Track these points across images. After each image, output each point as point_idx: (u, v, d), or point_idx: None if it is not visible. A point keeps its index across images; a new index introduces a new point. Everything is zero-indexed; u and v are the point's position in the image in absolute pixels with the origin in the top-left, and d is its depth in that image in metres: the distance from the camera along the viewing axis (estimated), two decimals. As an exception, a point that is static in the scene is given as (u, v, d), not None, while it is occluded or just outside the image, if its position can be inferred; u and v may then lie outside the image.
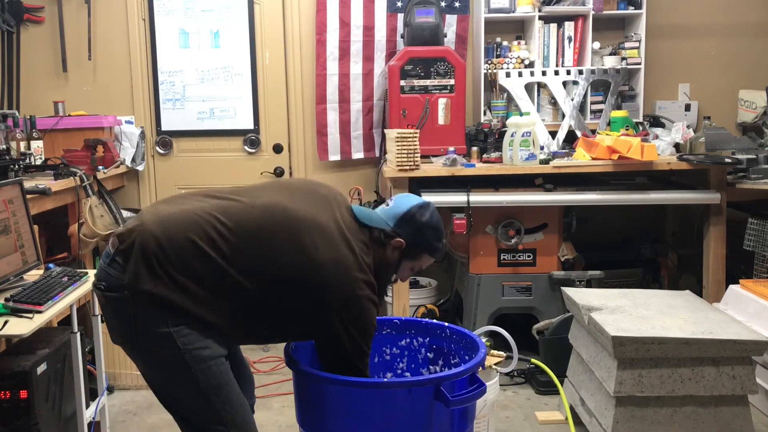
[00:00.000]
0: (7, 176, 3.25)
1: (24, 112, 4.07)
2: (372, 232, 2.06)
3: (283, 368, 3.82)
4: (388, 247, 2.06)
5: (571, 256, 3.87)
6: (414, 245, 2.08)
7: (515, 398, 3.50)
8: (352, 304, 1.91)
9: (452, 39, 4.48)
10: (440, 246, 2.14)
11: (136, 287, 1.82)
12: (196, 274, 1.84)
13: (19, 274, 2.61)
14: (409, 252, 2.09)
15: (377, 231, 2.06)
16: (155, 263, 1.82)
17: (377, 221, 2.07)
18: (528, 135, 3.72)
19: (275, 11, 4.53)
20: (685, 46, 4.61)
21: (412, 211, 2.08)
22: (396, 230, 2.06)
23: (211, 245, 1.85)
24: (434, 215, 2.12)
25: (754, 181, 3.66)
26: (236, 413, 1.92)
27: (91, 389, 2.99)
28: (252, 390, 2.29)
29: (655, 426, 2.68)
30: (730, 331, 2.67)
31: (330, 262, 1.90)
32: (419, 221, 2.08)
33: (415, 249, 2.09)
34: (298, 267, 1.89)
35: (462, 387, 2.02)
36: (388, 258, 2.07)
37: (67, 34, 4.49)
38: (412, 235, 2.07)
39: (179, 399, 1.93)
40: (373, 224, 2.06)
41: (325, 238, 1.92)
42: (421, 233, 2.08)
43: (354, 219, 2.05)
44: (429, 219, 2.09)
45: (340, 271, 1.91)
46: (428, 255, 2.13)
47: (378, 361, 2.41)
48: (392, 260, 2.08)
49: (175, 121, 4.58)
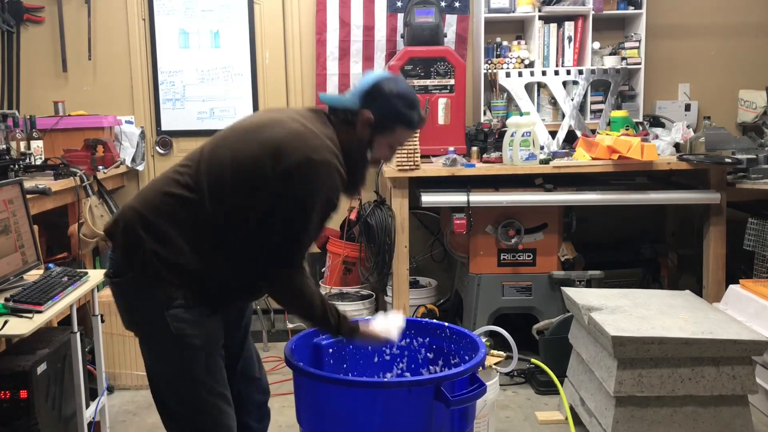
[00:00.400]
0: (7, 176, 3.25)
1: (24, 112, 4.08)
2: (339, 114, 2.00)
3: (283, 368, 3.82)
4: (357, 125, 1.98)
5: (571, 256, 3.87)
6: (384, 118, 1.97)
7: (515, 398, 3.50)
8: (306, 168, 1.82)
9: (452, 39, 4.49)
10: (414, 115, 2.00)
11: (131, 261, 1.89)
12: (175, 220, 1.88)
13: (19, 274, 2.61)
14: (380, 126, 1.98)
15: (343, 112, 1.99)
16: (140, 229, 1.88)
17: (344, 101, 2.00)
18: (528, 135, 3.72)
19: (275, 11, 4.53)
20: (685, 46, 4.61)
21: (376, 84, 1.98)
22: (362, 106, 1.97)
23: (177, 185, 1.91)
24: (401, 83, 2.02)
25: (754, 181, 3.66)
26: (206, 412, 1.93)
27: (91, 389, 2.99)
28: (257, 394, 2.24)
29: (655, 426, 2.68)
30: (730, 331, 2.67)
31: (286, 135, 1.87)
32: (385, 92, 1.97)
33: (385, 122, 1.98)
34: (254, 158, 1.86)
35: (462, 387, 2.02)
36: (360, 136, 1.99)
37: (67, 34, 4.49)
38: (380, 108, 1.97)
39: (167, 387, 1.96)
40: (340, 105, 2.00)
41: (280, 123, 1.92)
42: (388, 103, 1.96)
43: (315, 112, 2.02)
44: (395, 88, 1.98)
45: (296, 140, 1.86)
46: (403, 126, 2.01)
47: (378, 362, 2.41)
48: (364, 138, 1.99)
49: (175, 121, 4.58)
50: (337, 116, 2.00)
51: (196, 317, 1.90)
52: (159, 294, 1.88)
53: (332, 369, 2.31)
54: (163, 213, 1.89)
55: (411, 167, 3.69)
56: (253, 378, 2.22)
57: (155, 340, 1.93)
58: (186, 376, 1.91)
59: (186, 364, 1.90)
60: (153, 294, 1.88)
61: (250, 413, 2.20)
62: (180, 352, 1.90)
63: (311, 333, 2.29)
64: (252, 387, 2.22)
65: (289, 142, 1.85)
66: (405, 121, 2.00)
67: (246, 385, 2.19)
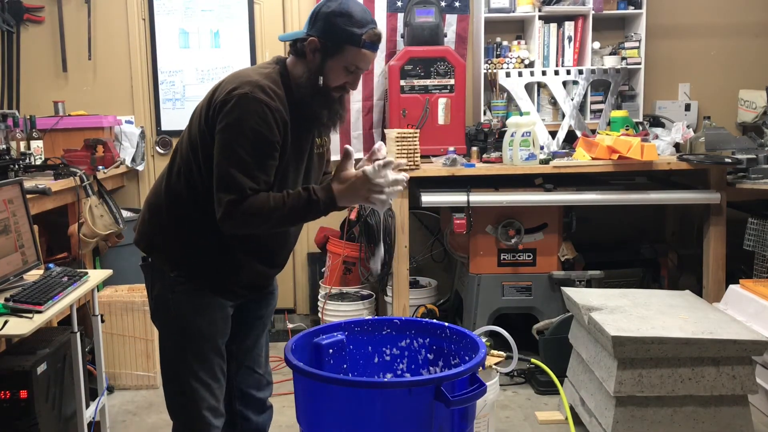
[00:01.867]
0: (7, 176, 3.25)
1: (24, 112, 4.08)
2: (291, 50, 2.00)
3: (283, 368, 3.82)
4: (306, 53, 1.94)
5: (571, 256, 3.88)
6: (329, 40, 1.91)
7: (515, 398, 3.50)
8: (228, 103, 1.86)
9: (452, 39, 4.48)
10: (359, 31, 1.90)
11: (150, 242, 2.07)
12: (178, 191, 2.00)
13: (19, 274, 2.61)
14: (328, 49, 1.92)
15: (293, 44, 1.98)
16: (156, 212, 2.05)
17: (295, 34, 2.00)
18: (528, 135, 3.72)
19: (275, 11, 4.53)
20: (685, 46, 4.61)
21: (317, 8, 1.95)
22: (308, 33, 1.94)
23: (171, 162, 2.06)
24: (343, 2, 1.92)
25: (754, 181, 3.66)
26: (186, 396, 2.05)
27: (91, 389, 2.99)
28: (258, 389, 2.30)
29: (655, 426, 2.68)
30: (730, 331, 2.67)
31: (225, 78, 1.97)
32: (326, 12, 1.92)
33: (332, 44, 1.91)
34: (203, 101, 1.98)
35: (462, 387, 2.02)
36: (311, 63, 1.95)
37: (67, 34, 4.49)
38: (322, 30, 1.92)
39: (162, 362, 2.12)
40: (292, 38, 2.00)
41: None
42: (330, 24, 1.91)
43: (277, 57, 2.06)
44: (336, 7, 1.91)
45: (229, 80, 1.93)
46: (350, 45, 1.91)
47: (378, 362, 2.41)
48: (315, 63, 1.94)
49: (175, 121, 4.58)
50: (292, 50, 2.00)
51: (200, 305, 2.02)
52: (167, 277, 2.02)
53: (332, 369, 2.31)
54: (161, 191, 2.05)
55: (411, 167, 3.69)
56: (257, 373, 2.28)
57: (160, 320, 2.09)
58: (176, 357, 2.05)
59: (179, 346, 2.04)
60: (163, 277, 2.03)
61: (249, 405, 2.27)
62: (176, 336, 2.05)
63: (311, 333, 2.29)
64: (254, 381, 2.28)
65: (224, 82, 1.93)
66: (350, 39, 1.91)
67: (248, 379, 2.26)
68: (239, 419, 2.26)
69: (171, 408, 2.12)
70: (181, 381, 2.05)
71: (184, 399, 2.06)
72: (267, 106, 1.85)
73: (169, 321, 2.05)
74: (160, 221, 2.04)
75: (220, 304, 2.05)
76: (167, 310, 2.04)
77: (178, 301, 2.02)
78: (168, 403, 2.13)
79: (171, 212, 2.02)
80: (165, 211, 2.03)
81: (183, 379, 2.04)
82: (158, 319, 2.10)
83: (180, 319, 2.02)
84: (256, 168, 1.86)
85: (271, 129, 1.86)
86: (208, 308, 2.03)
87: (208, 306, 2.03)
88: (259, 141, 1.85)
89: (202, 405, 2.05)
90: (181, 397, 2.07)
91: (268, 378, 2.35)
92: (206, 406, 2.06)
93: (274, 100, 1.87)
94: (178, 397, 2.09)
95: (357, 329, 2.25)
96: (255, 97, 1.85)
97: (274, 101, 1.87)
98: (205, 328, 2.03)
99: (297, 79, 1.96)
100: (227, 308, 2.07)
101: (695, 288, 3.77)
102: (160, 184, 2.07)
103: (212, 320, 2.04)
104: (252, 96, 1.84)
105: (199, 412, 2.05)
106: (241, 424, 2.26)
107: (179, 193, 2.00)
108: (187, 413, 2.07)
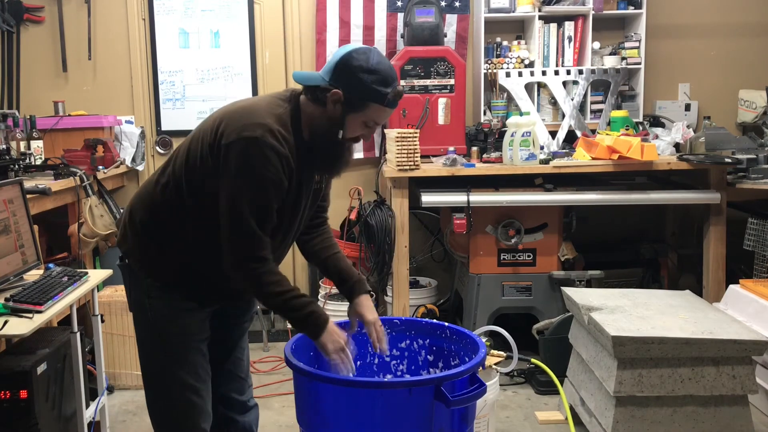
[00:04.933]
0: (7, 176, 3.25)
1: (24, 112, 4.07)
2: (308, 93, 1.92)
3: (283, 368, 3.82)
4: (327, 102, 1.88)
5: (571, 256, 3.88)
6: (353, 95, 1.86)
7: (515, 398, 3.50)
8: (237, 146, 1.80)
9: (452, 39, 4.48)
10: (387, 91, 1.86)
11: (128, 246, 2.03)
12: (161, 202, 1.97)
13: (19, 274, 2.61)
14: (351, 103, 1.87)
15: (312, 89, 1.90)
16: (136, 219, 2.02)
17: (313, 79, 1.91)
18: (528, 135, 3.72)
19: (275, 11, 4.53)
20: (685, 46, 4.61)
21: (344, 58, 1.86)
22: (331, 82, 1.87)
23: (161, 172, 2.01)
24: (373, 57, 1.86)
25: (754, 181, 3.66)
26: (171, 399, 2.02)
27: (91, 389, 2.99)
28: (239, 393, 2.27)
29: (655, 426, 2.68)
30: (730, 331, 2.67)
31: (228, 110, 1.91)
32: (353, 66, 1.84)
33: (355, 98, 1.86)
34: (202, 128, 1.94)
35: (462, 387, 2.02)
36: (331, 114, 1.89)
37: (67, 34, 4.49)
38: (348, 85, 1.85)
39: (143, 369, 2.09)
40: (309, 83, 1.91)
41: (237, 101, 2.00)
42: (357, 79, 1.84)
43: (289, 91, 2.00)
44: (365, 61, 1.84)
45: (235, 117, 1.86)
46: (375, 103, 1.87)
47: (378, 363, 2.41)
48: (335, 116, 1.89)
49: (175, 121, 4.58)
50: (308, 94, 1.92)
51: (176, 310, 2.00)
52: (143, 281, 2.00)
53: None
54: (146, 199, 2.02)
55: (411, 167, 3.69)
56: (238, 377, 2.26)
57: (138, 323, 2.08)
58: (157, 362, 2.03)
59: (158, 351, 2.02)
60: (140, 281, 2.01)
61: (233, 407, 2.25)
62: (155, 339, 2.03)
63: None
64: (235, 385, 2.26)
65: (229, 117, 1.87)
66: (376, 97, 1.86)
67: (230, 383, 2.23)
68: (225, 423, 2.22)
69: (154, 414, 2.07)
70: (165, 385, 2.02)
71: (168, 402, 2.03)
72: (277, 153, 1.82)
73: (148, 325, 2.03)
74: (138, 229, 2.01)
75: (197, 308, 2.03)
76: (144, 313, 2.02)
77: (155, 306, 2.00)
78: (151, 409, 2.08)
79: (151, 222, 1.99)
80: (147, 220, 2.00)
81: (168, 383, 2.01)
82: (137, 323, 2.08)
83: (158, 322, 2.00)
84: (267, 214, 1.87)
85: (279, 175, 1.85)
86: (185, 312, 2.01)
87: (185, 310, 2.01)
88: (270, 187, 1.84)
89: (189, 409, 2.02)
90: (166, 401, 2.04)
91: (249, 381, 2.32)
92: (196, 410, 2.03)
93: (283, 147, 1.84)
94: (160, 402, 2.05)
95: (357, 329, 2.25)
96: (266, 142, 1.80)
97: (284, 147, 1.84)
98: (183, 331, 2.01)
99: (311, 124, 1.92)
100: (205, 311, 2.05)
101: (695, 288, 3.77)
102: (145, 192, 2.04)
103: (190, 323, 2.02)
104: (262, 141, 1.80)
105: (193, 421, 2.02)
106: (228, 426, 2.23)
107: (163, 206, 1.97)
108: (174, 419, 2.04)
